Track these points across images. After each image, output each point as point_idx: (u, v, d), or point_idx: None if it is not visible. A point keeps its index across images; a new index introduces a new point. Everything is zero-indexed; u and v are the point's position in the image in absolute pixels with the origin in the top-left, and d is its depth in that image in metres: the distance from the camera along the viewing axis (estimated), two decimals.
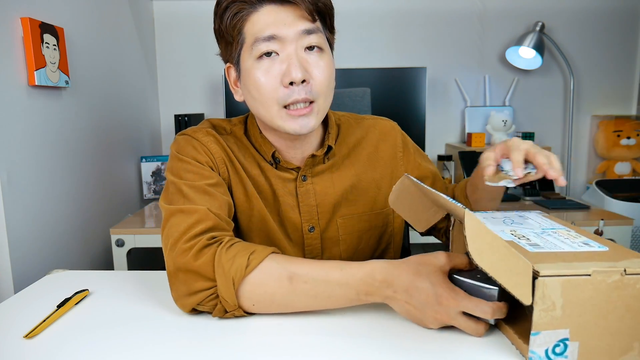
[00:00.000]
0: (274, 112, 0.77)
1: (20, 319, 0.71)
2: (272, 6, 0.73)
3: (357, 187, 0.90)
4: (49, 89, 1.40)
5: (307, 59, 0.75)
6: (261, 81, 0.75)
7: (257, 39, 0.74)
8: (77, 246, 1.57)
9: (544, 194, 2.09)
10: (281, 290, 0.66)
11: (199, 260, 0.67)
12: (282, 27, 0.73)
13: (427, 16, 2.29)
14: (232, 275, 0.65)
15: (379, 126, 0.95)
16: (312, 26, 0.75)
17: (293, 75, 0.73)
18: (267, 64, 0.75)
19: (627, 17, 2.30)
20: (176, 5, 2.25)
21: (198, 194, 0.76)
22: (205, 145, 0.83)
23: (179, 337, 0.65)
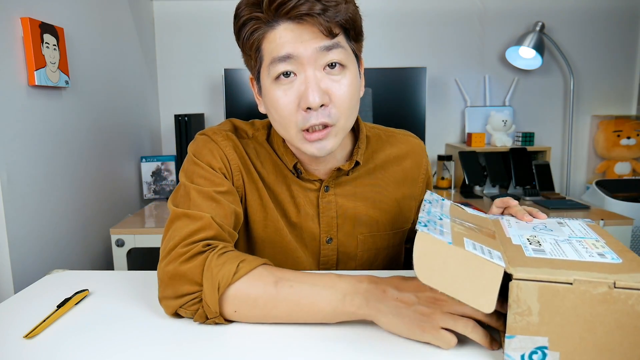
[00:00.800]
0: (292, 134, 0.74)
1: (20, 319, 0.71)
2: (289, 23, 0.69)
3: (380, 204, 0.88)
4: (49, 89, 1.40)
5: (326, 79, 0.71)
6: (279, 103, 0.72)
7: (274, 59, 0.71)
8: (77, 246, 1.57)
9: (544, 194, 2.09)
10: (265, 295, 0.64)
11: (190, 264, 0.67)
12: (299, 45, 0.69)
13: (427, 16, 2.29)
14: (218, 280, 0.64)
15: (410, 145, 0.93)
16: (330, 42, 0.70)
17: (310, 101, 0.70)
18: (285, 85, 0.72)
19: (627, 17, 2.30)
20: (176, 5, 2.25)
21: (205, 200, 0.75)
22: (222, 149, 0.81)
23: (179, 337, 0.65)
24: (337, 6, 0.68)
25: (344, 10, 0.69)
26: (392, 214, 0.90)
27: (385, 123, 1.15)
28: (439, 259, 0.51)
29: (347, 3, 0.71)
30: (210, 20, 2.27)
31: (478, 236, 0.59)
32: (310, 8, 0.67)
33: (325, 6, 0.67)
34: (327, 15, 0.68)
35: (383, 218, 0.89)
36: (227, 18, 2.44)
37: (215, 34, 2.28)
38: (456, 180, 2.25)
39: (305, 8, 0.67)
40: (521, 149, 2.18)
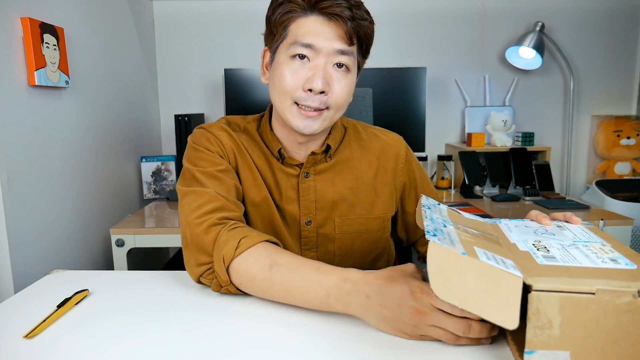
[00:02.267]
0: (287, 104, 0.84)
1: (20, 319, 0.71)
2: (320, 17, 0.80)
3: (357, 190, 0.96)
4: (49, 89, 1.40)
5: (332, 74, 0.82)
6: (286, 78, 0.82)
7: (296, 42, 0.80)
8: (77, 246, 1.57)
9: (544, 194, 2.09)
10: (261, 276, 0.72)
11: (207, 235, 0.77)
12: (322, 39, 0.80)
13: (427, 16, 2.29)
14: (223, 254, 0.74)
15: (385, 137, 1.01)
16: (347, 48, 0.81)
17: (314, 85, 0.80)
18: (297, 65, 0.82)
19: (627, 17, 2.30)
20: (176, 5, 2.25)
21: (209, 179, 0.85)
22: (217, 137, 0.91)
23: (179, 337, 0.65)
24: (362, 21, 0.81)
25: (366, 25, 0.82)
26: (369, 200, 0.96)
27: (385, 123, 1.16)
28: (455, 272, 0.49)
29: (370, 23, 0.83)
30: (210, 20, 2.27)
31: (486, 244, 0.57)
32: (342, 11, 0.78)
33: (354, 16, 0.79)
34: (353, 23, 0.79)
35: (359, 204, 0.96)
36: (227, 18, 2.46)
37: (215, 34, 2.28)
38: (456, 180, 2.25)
39: (339, 9, 0.78)
40: (521, 149, 2.18)
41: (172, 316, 0.71)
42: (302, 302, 0.69)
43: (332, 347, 0.61)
